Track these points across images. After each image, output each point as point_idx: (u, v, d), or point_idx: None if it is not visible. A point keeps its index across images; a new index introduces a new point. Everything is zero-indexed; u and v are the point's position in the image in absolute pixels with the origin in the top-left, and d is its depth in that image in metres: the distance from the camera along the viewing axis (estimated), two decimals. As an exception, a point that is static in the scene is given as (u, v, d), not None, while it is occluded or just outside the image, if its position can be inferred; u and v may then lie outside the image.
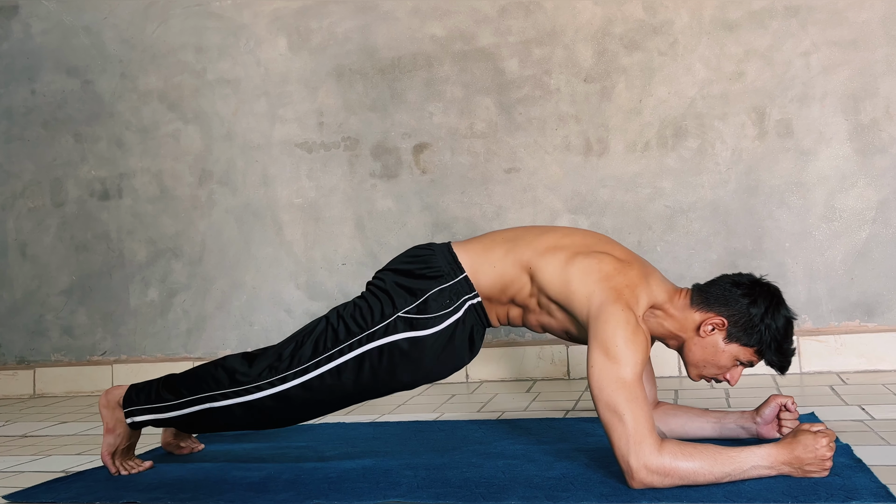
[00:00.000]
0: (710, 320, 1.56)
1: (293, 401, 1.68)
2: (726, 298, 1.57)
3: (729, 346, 1.57)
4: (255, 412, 1.71)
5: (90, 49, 3.38)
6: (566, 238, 1.68)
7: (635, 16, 2.81)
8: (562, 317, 1.65)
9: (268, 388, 1.68)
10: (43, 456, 2.13)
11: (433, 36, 3.00)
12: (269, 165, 3.17)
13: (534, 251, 1.65)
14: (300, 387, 1.67)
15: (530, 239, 1.69)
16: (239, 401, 1.70)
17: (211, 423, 1.77)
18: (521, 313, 1.72)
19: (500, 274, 1.66)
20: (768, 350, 1.56)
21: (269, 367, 1.69)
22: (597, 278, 1.55)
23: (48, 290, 3.41)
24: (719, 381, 1.63)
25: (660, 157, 2.78)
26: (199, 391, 1.73)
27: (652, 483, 1.36)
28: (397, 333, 1.64)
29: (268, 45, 3.17)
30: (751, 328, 1.55)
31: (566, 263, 1.60)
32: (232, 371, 1.71)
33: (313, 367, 1.66)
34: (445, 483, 1.53)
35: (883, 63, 2.61)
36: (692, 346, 1.59)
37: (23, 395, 3.39)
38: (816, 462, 1.36)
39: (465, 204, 2.96)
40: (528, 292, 1.67)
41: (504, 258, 1.67)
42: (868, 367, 2.56)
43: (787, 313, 1.57)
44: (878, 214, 2.61)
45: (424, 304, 1.64)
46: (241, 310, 3.19)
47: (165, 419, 1.78)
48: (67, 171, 3.39)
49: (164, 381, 1.79)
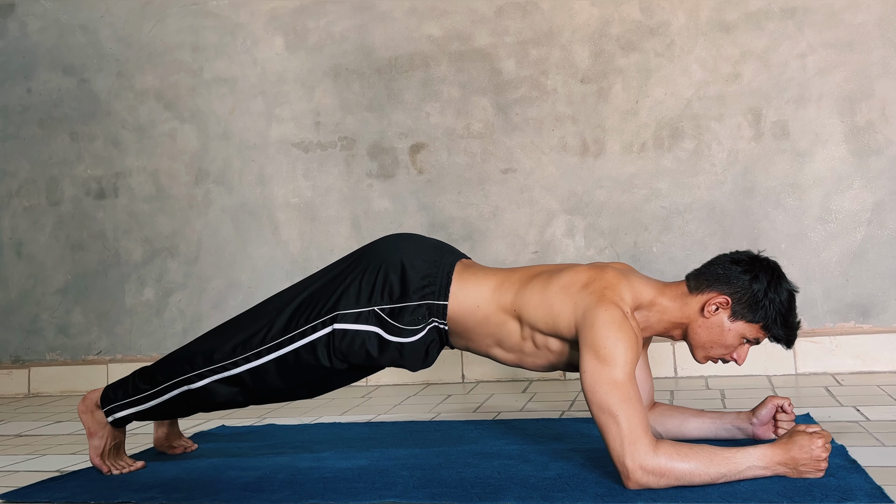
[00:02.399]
0: (713, 300, 1.56)
1: (270, 376, 1.69)
2: (727, 276, 1.56)
3: (735, 324, 1.56)
4: (234, 388, 1.71)
5: (86, 48, 3.37)
6: (542, 267, 1.69)
7: (632, 17, 2.81)
8: (559, 347, 1.62)
9: (244, 364, 1.68)
10: (38, 455, 2.13)
11: (430, 36, 3.00)
12: (265, 165, 3.16)
13: (514, 292, 1.64)
14: (275, 361, 1.67)
15: (514, 279, 1.67)
16: (216, 377, 1.70)
17: (192, 405, 1.77)
18: (517, 358, 1.69)
19: (484, 317, 1.64)
20: (774, 325, 1.55)
21: (244, 342, 1.69)
22: (576, 290, 1.55)
23: (43, 289, 3.40)
24: (726, 362, 1.62)
25: (656, 158, 2.79)
26: (174, 375, 1.73)
27: (648, 483, 1.36)
28: (368, 325, 1.64)
29: (264, 45, 3.17)
30: (755, 304, 1.54)
31: (544, 288, 1.59)
32: (205, 350, 1.72)
33: (287, 342, 1.67)
34: (441, 483, 1.53)
35: (879, 65, 2.61)
36: (697, 329, 1.59)
37: (18, 394, 3.38)
38: (812, 463, 1.37)
39: (461, 204, 2.96)
40: (519, 336, 1.65)
41: (489, 300, 1.65)
42: (863, 368, 2.57)
43: (788, 286, 1.57)
44: (874, 216, 2.62)
45: (400, 311, 1.64)
46: (237, 309, 3.18)
47: (146, 410, 1.78)
48: (63, 170, 3.39)
49: (139, 373, 1.80)
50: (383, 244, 1.76)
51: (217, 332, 1.76)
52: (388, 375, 2.96)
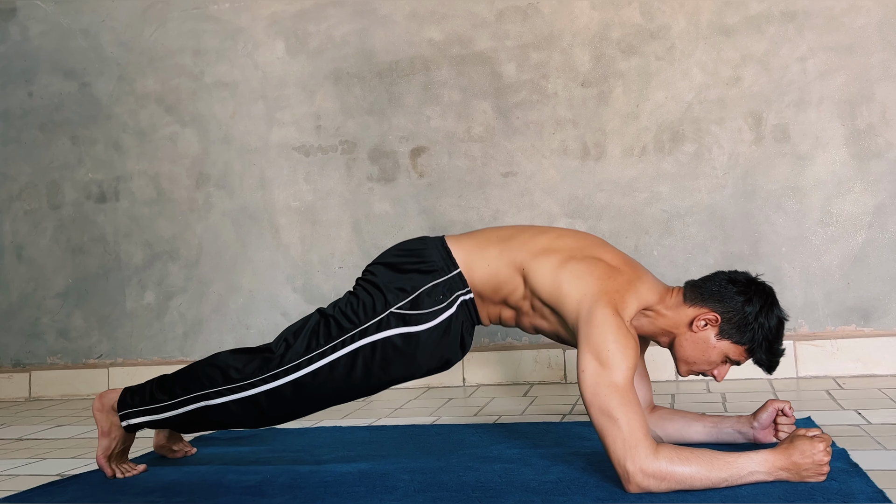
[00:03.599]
0: (703, 315, 1.57)
1: (287, 397, 1.68)
2: (721, 294, 1.57)
3: (720, 343, 1.57)
4: (250, 409, 1.71)
5: (88, 52, 3.37)
6: (560, 240, 1.69)
7: (633, 20, 2.82)
8: (554, 320, 1.66)
9: (261, 385, 1.68)
10: (38, 459, 2.12)
11: (431, 40, 3.00)
12: (266, 169, 3.16)
13: (527, 253, 1.66)
14: (293, 383, 1.67)
15: (524, 240, 1.69)
16: (234, 398, 1.70)
17: (207, 421, 1.76)
18: (514, 315, 1.73)
19: (493, 272, 1.67)
20: (759, 349, 1.57)
21: (263, 364, 1.69)
22: (587, 282, 1.56)
23: (44, 293, 3.40)
24: (706, 376, 1.64)
25: (657, 161, 2.79)
26: (193, 390, 1.73)
27: (648, 487, 1.36)
28: (390, 329, 1.64)
29: (265, 49, 3.17)
30: (744, 326, 1.55)
31: (558, 266, 1.61)
32: (225, 368, 1.71)
33: (306, 364, 1.66)
34: (442, 487, 1.53)
35: (879, 68, 2.61)
36: (683, 342, 1.60)
37: (18, 398, 3.38)
38: (814, 467, 1.36)
39: (462, 208, 2.96)
40: (521, 294, 1.67)
41: (498, 257, 1.67)
42: (864, 371, 2.57)
43: (780, 314, 1.58)
44: (875, 219, 2.62)
45: (417, 299, 1.64)
46: (237, 313, 3.18)
47: (161, 420, 1.78)
48: (64, 174, 3.39)
49: (158, 381, 1.79)
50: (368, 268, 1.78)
51: (238, 352, 1.76)
52: (389, 379, 2.96)
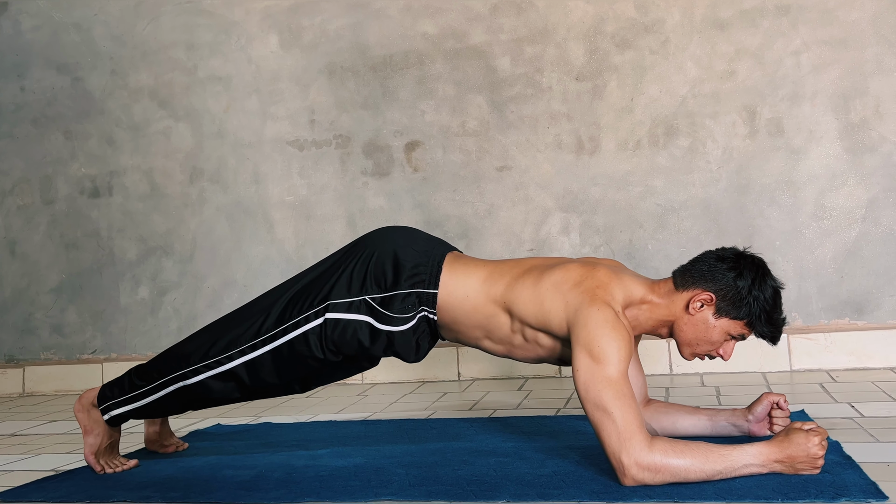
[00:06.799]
0: (697, 297, 1.56)
1: (265, 369, 1.69)
2: (712, 273, 1.57)
3: (719, 321, 1.57)
4: (229, 384, 1.71)
5: (80, 46, 3.36)
6: (534, 261, 1.69)
7: (627, 14, 2.81)
8: (550, 343, 1.63)
9: (238, 357, 1.69)
10: (32, 455, 2.12)
11: (425, 34, 2.99)
12: (260, 163, 3.16)
13: (504, 285, 1.64)
14: (270, 354, 1.68)
15: (507, 269, 1.67)
16: (212, 373, 1.70)
17: (188, 402, 1.77)
18: (506, 350, 1.70)
19: (473, 308, 1.65)
20: (758, 321, 1.56)
21: (239, 336, 1.69)
22: (567, 288, 1.55)
23: (38, 289, 3.39)
24: (713, 358, 1.63)
25: (651, 155, 2.79)
26: (170, 371, 1.73)
27: (643, 480, 1.36)
28: (359, 314, 1.65)
29: (259, 43, 3.16)
30: (739, 301, 1.55)
31: (535, 285, 1.59)
32: (200, 345, 1.72)
33: (281, 334, 1.67)
34: (437, 481, 1.53)
35: (873, 62, 2.62)
36: (683, 326, 1.59)
37: (12, 393, 3.37)
38: (808, 460, 1.37)
39: (456, 202, 2.96)
40: (508, 329, 1.65)
41: (478, 291, 1.65)
42: (858, 364, 2.58)
43: (773, 283, 1.57)
44: (868, 213, 2.62)
45: (390, 299, 1.65)
46: (232, 307, 3.17)
47: (142, 406, 1.78)
48: (57, 169, 3.38)
49: (135, 370, 1.80)
50: (376, 235, 1.77)
51: (212, 328, 1.77)
52: (384, 373, 2.96)
